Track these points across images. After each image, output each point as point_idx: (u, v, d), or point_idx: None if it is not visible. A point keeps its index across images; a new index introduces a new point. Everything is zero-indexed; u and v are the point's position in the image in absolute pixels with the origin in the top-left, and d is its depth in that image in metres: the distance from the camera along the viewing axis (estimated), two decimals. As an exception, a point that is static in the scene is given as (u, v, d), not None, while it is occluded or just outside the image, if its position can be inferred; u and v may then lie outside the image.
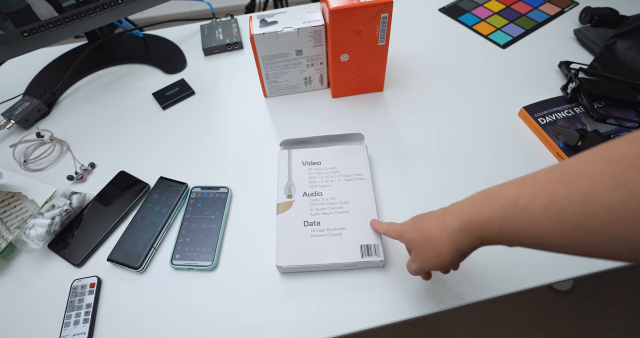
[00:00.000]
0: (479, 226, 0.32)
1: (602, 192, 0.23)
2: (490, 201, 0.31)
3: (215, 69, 0.78)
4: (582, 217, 0.24)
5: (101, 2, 0.69)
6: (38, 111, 0.71)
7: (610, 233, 0.23)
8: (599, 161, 0.24)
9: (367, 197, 0.53)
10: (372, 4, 0.54)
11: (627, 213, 0.22)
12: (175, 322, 0.48)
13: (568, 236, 0.25)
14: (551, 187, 0.26)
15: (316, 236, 0.50)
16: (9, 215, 0.57)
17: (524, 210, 0.28)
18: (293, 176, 0.56)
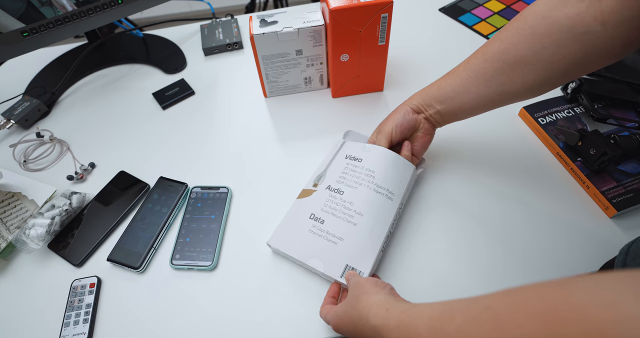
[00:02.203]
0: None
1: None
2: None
3: (215, 69, 0.78)
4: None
5: (101, 2, 0.69)
6: (38, 111, 0.71)
7: None
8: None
9: (384, 220, 0.49)
10: (372, 4, 0.54)
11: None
12: (175, 321, 0.48)
13: None
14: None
15: (314, 233, 0.49)
16: (9, 215, 0.57)
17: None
18: (330, 167, 0.54)
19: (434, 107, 0.51)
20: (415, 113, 0.52)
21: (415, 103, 0.52)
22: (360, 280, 0.41)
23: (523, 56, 0.42)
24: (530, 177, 0.57)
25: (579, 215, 0.53)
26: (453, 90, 0.49)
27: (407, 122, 0.52)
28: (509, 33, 0.43)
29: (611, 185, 0.53)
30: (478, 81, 0.46)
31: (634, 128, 0.58)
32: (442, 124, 0.53)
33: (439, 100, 0.50)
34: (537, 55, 0.41)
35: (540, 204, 0.54)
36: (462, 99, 0.48)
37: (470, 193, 0.56)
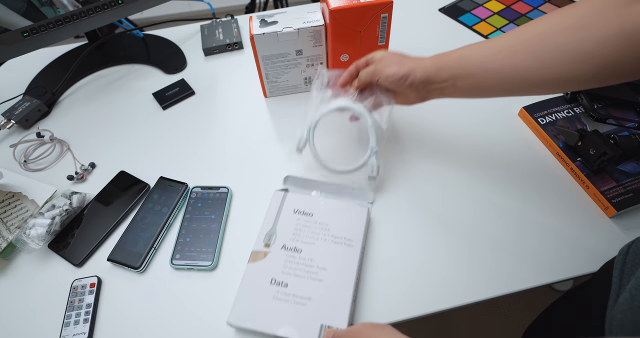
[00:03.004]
0: None
1: None
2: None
3: (215, 69, 0.78)
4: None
5: (101, 2, 0.69)
6: (38, 111, 0.71)
7: None
8: None
9: (349, 269, 0.47)
10: (372, 4, 0.54)
11: None
12: (175, 321, 0.48)
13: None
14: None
15: (279, 299, 0.45)
16: (9, 215, 0.57)
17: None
18: (279, 223, 0.51)
19: (447, 82, 0.46)
20: (415, 84, 0.47)
21: (427, 73, 0.46)
22: (356, 328, 0.40)
23: (562, 44, 0.38)
24: (530, 177, 0.57)
25: (578, 215, 0.53)
26: (476, 66, 0.44)
27: (395, 85, 0.48)
28: (555, 17, 0.40)
29: (611, 185, 0.53)
30: (505, 61, 0.42)
31: (634, 128, 0.58)
32: (436, 98, 0.49)
33: (457, 75, 0.45)
34: (577, 45, 0.37)
35: (539, 204, 0.54)
36: (482, 77, 0.44)
37: (470, 193, 0.56)
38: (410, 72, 0.46)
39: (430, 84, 0.47)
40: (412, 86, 0.47)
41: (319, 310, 0.44)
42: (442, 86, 0.46)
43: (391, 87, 0.49)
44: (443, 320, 1.12)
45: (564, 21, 0.39)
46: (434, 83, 0.46)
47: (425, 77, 0.46)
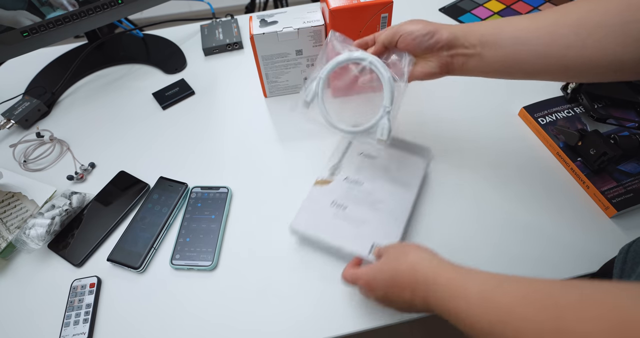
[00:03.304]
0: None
1: None
2: (451, 315, 0.34)
3: (215, 69, 0.78)
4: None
5: (101, 2, 0.69)
6: (38, 111, 0.71)
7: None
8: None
9: (404, 206, 0.51)
10: (372, 4, 0.54)
11: None
12: (175, 322, 0.48)
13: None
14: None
15: (337, 218, 0.50)
16: (9, 215, 0.57)
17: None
18: (344, 160, 0.55)
19: (474, 48, 0.42)
20: (440, 44, 0.43)
21: (455, 34, 0.42)
22: (400, 244, 0.42)
23: (607, 23, 0.35)
24: (530, 177, 0.57)
25: (578, 215, 0.53)
26: (511, 35, 0.40)
27: (420, 42, 0.43)
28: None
29: (611, 185, 0.53)
30: (544, 34, 0.38)
31: (634, 128, 0.58)
32: (458, 72, 0.44)
33: (487, 41, 0.41)
34: (624, 27, 0.34)
35: (540, 204, 0.54)
36: (514, 48, 0.40)
37: (469, 193, 0.56)
38: (437, 29, 0.43)
39: (455, 46, 0.42)
40: (435, 47, 0.43)
41: (373, 232, 0.49)
42: (468, 52, 0.42)
43: (413, 46, 0.44)
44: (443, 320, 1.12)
45: (613, 1, 0.36)
46: (461, 46, 0.42)
47: (452, 37, 0.42)
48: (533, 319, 0.26)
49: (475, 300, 0.31)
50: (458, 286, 0.33)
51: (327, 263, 0.51)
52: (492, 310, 0.29)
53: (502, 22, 0.41)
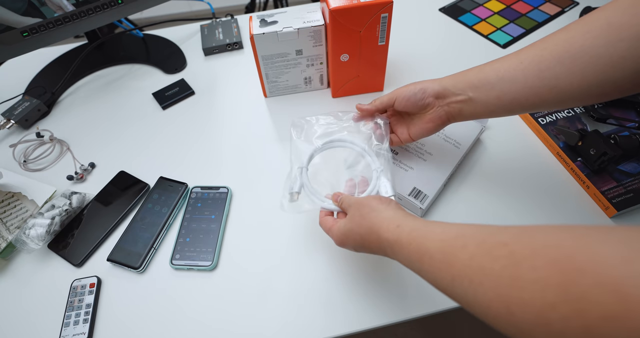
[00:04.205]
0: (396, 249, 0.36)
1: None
2: (416, 269, 0.35)
3: (215, 69, 0.78)
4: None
5: (101, 2, 0.69)
6: (38, 111, 0.71)
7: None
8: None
9: (450, 161, 0.55)
10: (372, 4, 0.54)
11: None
12: (175, 321, 0.48)
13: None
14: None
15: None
16: (9, 215, 0.57)
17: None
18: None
19: (465, 94, 0.44)
20: (433, 97, 0.46)
21: (443, 85, 0.45)
22: (362, 199, 0.42)
23: (591, 47, 0.36)
24: (530, 177, 0.57)
25: (578, 215, 0.53)
26: (497, 76, 0.42)
27: (415, 100, 0.47)
28: (579, 23, 0.38)
29: (611, 185, 0.53)
30: (530, 70, 0.39)
31: (634, 128, 0.58)
32: (459, 118, 0.47)
33: (475, 86, 0.43)
34: (609, 48, 0.35)
35: (540, 204, 0.54)
36: (503, 88, 0.41)
37: (469, 193, 0.56)
38: (426, 85, 0.46)
39: (447, 96, 0.45)
40: (428, 101, 0.46)
41: (417, 177, 0.53)
42: (460, 99, 0.44)
43: (409, 106, 0.48)
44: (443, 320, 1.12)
45: (591, 24, 0.36)
46: (452, 95, 0.45)
47: (441, 88, 0.45)
48: (490, 271, 0.27)
49: (438, 256, 0.31)
50: (419, 244, 0.34)
51: (327, 263, 0.51)
52: (452, 264, 0.30)
53: (487, 66, 0.44)
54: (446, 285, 0.31)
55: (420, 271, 0.34)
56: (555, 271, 0.23)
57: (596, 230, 0.24)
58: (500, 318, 0.26)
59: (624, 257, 0.21)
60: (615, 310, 0.20)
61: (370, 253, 0.41)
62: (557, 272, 0.23)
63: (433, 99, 0.46)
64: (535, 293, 0.23)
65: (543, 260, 0.24)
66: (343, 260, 0.51)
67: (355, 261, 0.51)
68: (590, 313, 0.21)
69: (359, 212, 0.41)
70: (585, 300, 0.21)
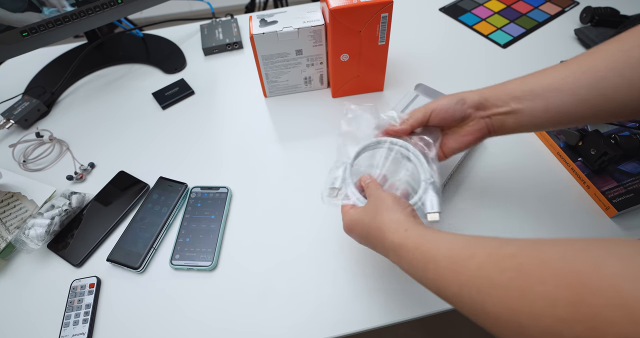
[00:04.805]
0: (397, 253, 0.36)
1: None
2: (419, 276, 0.34)
3: (215, 69, 0.78)
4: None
5: (101, 2, 0.69)
6: (37, 111, 0.71)
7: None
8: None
9: (449, 162, 0.54)
10: (372, 4, 0.54)
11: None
12: (175, 322, 0.48)
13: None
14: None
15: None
16: (9, 215, 0.57)
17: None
18: (405, 112, 0.55)
19: (508, 105, 0.41)
20: (473, 108, 0.43)
21: (483, 95, 0.42)
22: (382, 194, 0.40)
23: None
24: (530, 177, 0.57)
25: (579, 215, 0.53)
26: (542, 86, 0.39)
27: (453, 111, 0.43)
28: (633, 33, 0.35)
29: (612, 185, 0.53)
30: (582, 80, 0.37)
31: (635, 128, 0.58)
32: (500, 132, 0.43)
33: (518, 97, 0.40)
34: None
35: (539, 204, 0.54)
36: (551, 98, 0.38)
37: (469, 193, 0.56)
38: (465, 96, 0.43)
39: (487, 107, 0.42)
40: (468, 111, 0.43)
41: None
42: (502, 110, 0.41)
43: (447, 118, 0.44)
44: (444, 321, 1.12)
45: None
46: (493, 106, 0.42)
47: (482, 99, 0.42)
48: (499, 283, 0.26)
49: (445, 264, 0.31)
50: (426, 250, 0.33)
51: (327, 263, 0.51)
52: (460, 272, 0.29)
53: (529, 77, 0.41)
54: (453, 293, 0.30)
55: (423, 278, 0.33)
56: (563, 286, 0.23)
57: (602, 244, 0.24)
58: (510, 330, 0.25)
59: (633, 274, 0.21)
60: (630, 332, 0.20)
61: (373, 249, 0.40)
62: (565, 287, 0.23)
63: (473, 110, 0.43)
64: (545, 307, 0.23)
65: (550, 273, 0.24)
66: (343, 260, 0.51)
67: (355, 261, 0.51)
68: (605, 334, 0.20)
69: (375, 206, 0.40)
70: (599, 320, 0.21)
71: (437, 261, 0.32)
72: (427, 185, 0.43)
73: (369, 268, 0.50)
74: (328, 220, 0.54)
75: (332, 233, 0.53)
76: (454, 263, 0.30)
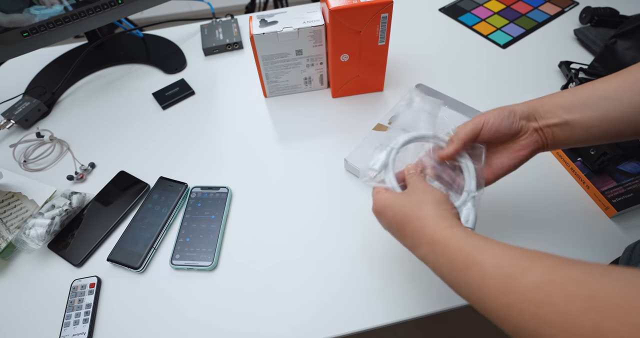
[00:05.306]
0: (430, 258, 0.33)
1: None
2: (455, 276, 0.31)
3: (215, 69, 0.78)
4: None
5: (101, 2, 0.69)
6: (38, 111, 0.71)
7: None
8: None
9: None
10: (372, 4, 0.54)
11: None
12: (175, 322, 0.48)
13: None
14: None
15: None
16: (9, 215, 0.57)
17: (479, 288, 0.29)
18: (405, 113, 0.56)
19: (559, 116, 0.38)
20: (524, 120, 0.39)
21: (531, 106, 0.39)
22: (430, 188, 0.37)
23: None
24: (530, 177, 0.57)
25: (578, 215, 0.53)
26: (596, 96, 0.36)
27: (507, 124, 0.39)
28: None
29: (611, 185, 0.53)
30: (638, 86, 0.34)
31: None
32: (551, 146, 0.40)
33: (569, 108, 0.37)
34: None
35: (539, 204, 0.54)
36: (607, 108, 0.36)
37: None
38: (513, 108, 0.40)
39: (537, 119, 0.39)
40: (521, 125, 0.39)
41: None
42: (553, 122, 0.38)
43: (499, 133, 0.40)
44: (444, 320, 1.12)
45: None
46: (542, 118, 0.39)
47: (531, 109, 0.39)
48: (564, 312, 0.23)
49: (492, 271, 0.27)
50: (470, 252, 0.30)
51: (327, 263, 0.51)
52: (510, 290, 0.26)
53: (579, 88, 0.38)
54: (495, 308, 0.27)
55: (459, 280, 0.30)
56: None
57: None
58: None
59: None
60: None
61: (398, 238, 0.37)
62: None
63: (525, 122, 0.39)
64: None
65: (637, 314, 0.20)
66: (343, 260, 0.51)
67: (355, 261, 0.51)
68: None
69: (419, 196, 0.36)
70: None
71: (482, 266, 0.28)
72: (469, 198, 0.41)
73: (369, 269, 0.50)
74: (328, 220, 0.54)
75: (332, 234, 0.53)
76: (504, 275, 0.27)
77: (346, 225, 0.54)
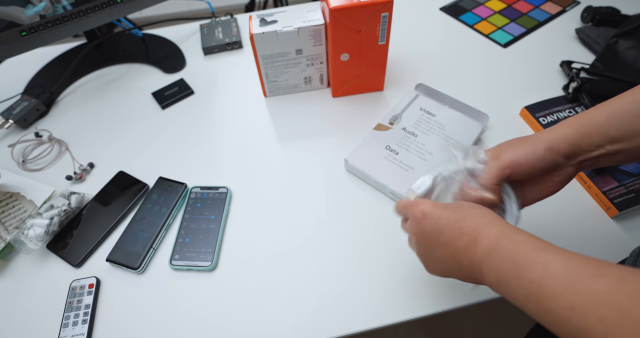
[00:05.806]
0: (488, 280, 0.31)
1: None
2: (516, 274, 0.29)
3: (215, 69, 0.77)
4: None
5: (100, 1, 0.69)
6: (36, 111, 0.70)
7: None
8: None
9: None
10: (373, 3, 0.54)
11: None
12: (175, 322, 0.48)
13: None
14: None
15: (388, 160, 0.56)
16: (8, 216, 0.56)
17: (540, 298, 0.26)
18: (405, 112, 0.61)
19: (603, 148, 0.35)
20: (564, 157, 0.36)
21: (572, 142, 0.35)
22: (478, 205, 0.34)
23: None
24: (531, 177, 0.57)
25: (580, 216, 0.53)
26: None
27: (543, 166, 0.36)
28: None
29: (612, 186, 0.53)
30: None
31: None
32: (587, 169, 0.38)
33: (613, 138, 0.34)
34: None
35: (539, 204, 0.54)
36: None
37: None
38: (550, 143, 0.36)
39: (579, 154, 0.36)
40: (560, 163, 0.36)
41: (418, 177, 0.44)
42: (595, 155, 0.35)
43: (534, 173, 0.37)
44: (445, 321, 1.12)
45: None
46: (584, 152, 0.36)
47: (574, 146, 0.35)
48: (636, 317, 0.22)
49: (558, 272, 0.26)
50: (530, 253, 0.28)
51: (327, 263, 0.50)
52: (577, 291, 0.24)
53: (619, 108, 0.35)
54: (556, 309, 0.25)
55: (524, 285, 0.28)
56: None
57: None
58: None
59: None
60: None
61: (436, 246, 0.34)
62: None
63: (564, 160, 0.36)
64: None
65: None
66: (343, 260, 0.51)
67: (355, 261, 0.50)
68: None
69: (467, 204, 0.34)
70: None
71: (547, 266, 0.27)
72: (515, 223, 0.38)
73: (369, 269, 0.50)
74: (328, 220, 0.54)
75: (332, 233, 0.53)
76: (570, 277, 0.25)
77: (346, 225, 0.54)
